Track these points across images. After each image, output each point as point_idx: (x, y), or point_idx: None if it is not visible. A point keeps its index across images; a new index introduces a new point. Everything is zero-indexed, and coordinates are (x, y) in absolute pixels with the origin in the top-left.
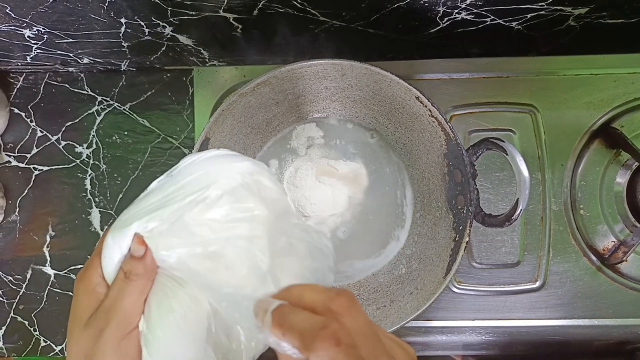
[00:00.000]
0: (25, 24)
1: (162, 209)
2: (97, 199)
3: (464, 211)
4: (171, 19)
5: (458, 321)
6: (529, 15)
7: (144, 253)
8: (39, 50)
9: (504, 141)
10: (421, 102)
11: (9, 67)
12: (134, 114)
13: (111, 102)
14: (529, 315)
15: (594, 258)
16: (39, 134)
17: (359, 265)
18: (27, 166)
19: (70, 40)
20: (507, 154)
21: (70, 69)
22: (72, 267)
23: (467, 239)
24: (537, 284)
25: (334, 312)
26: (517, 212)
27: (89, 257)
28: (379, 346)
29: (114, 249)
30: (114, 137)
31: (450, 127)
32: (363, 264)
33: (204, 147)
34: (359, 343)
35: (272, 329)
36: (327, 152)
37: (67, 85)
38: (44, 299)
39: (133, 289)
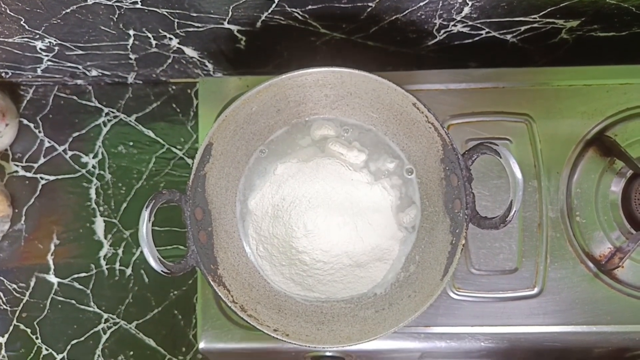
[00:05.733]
0: (38, 36)
1: None
2: (101, 208)
3: (460, 214)
4: (177, 31)
5: (457, 327)
6: (522, 28)
7: None
8: (49, 62)
9: (497, 144)
10: (418, 109)
11: (20, 79)
12: (140, 125)
13: (117, 114)
14: (527, 321)
15: (590, 264)
16: (47, 144)
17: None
18: (34, 176)
19: (80, 52)
20: (500, 157)
21: (79, 82)
22: (76, 275)
23: (463, 242)
24: (536, 290)
25: None
26: (511, 213)
27: (92, 265)
28: None
29: None
30: (119, 148)
31: (446, 132)
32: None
33: (207, 152)
34: None
35: None
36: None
37: (75, 97)
38: (47, 307)
39: None
